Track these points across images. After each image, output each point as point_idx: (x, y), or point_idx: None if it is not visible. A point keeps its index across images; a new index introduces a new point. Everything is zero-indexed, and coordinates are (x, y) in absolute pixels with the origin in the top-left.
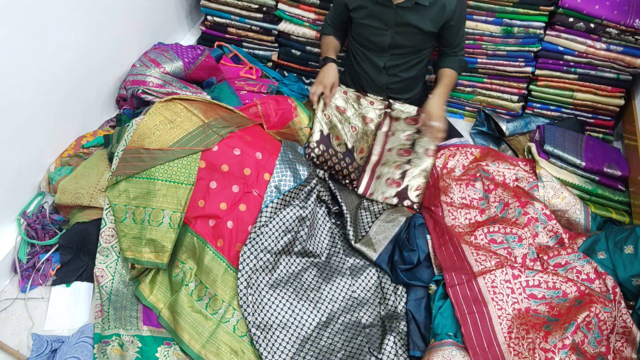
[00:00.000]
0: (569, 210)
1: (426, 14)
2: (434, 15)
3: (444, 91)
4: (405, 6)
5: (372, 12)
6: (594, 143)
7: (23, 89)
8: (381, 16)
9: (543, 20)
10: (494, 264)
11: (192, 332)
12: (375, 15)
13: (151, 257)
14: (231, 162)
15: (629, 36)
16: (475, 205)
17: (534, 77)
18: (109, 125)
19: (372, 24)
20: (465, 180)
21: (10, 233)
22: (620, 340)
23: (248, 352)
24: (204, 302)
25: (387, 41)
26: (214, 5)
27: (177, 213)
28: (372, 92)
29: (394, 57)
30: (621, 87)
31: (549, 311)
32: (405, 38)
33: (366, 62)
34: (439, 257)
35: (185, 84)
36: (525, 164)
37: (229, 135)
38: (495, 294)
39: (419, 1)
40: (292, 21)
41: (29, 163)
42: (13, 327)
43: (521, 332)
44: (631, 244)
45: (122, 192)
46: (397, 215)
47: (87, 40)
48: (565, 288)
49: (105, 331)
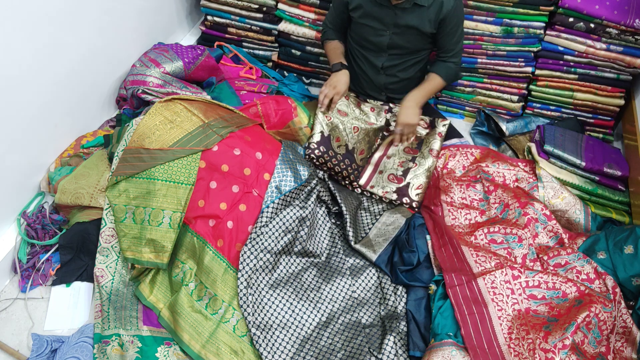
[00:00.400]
0: (568, 211)
1: (425, 14)
2: (432, 15)
3: (419, 95)
4: (404, 7)
5: (371, 12)
6: (594, 143)
7: (23, 89)
8: (380, 16)
9: (543, 20)
10: (494, 265)
11: (192, 332)
12: (374, 16)
13: (151, 257)
14: (231, 162)
15: (629, 36)
16: (476, 206)
17: (534, 77)
18: (109, 125)
19: (371, 24)
20: (465, 181)
21: (10, 233)
22: (620, 340)
23: (248, 352)
24: (204, 302)
25: (385, 41)
26: (214, 5)
27: (177, 213)
28: (371, 92)
29: (392, 57)
30: (621, 87)
31: (549, 311)
32: (403, 39)
33: (364, 62)
34: (439, 258)
35: (185, 84)
36: (525, 165)
37: (229, 135)
38: (495, 295)
39: (418, 2)
40: (292, 21)
41: (29, 163)
42: (13, 327)
43: (521, 333)
44: (631, 244)
45: (122, 192)
46: (397, 217)
47: (87, 40)
48: (565, 288)
49: (105, 331)
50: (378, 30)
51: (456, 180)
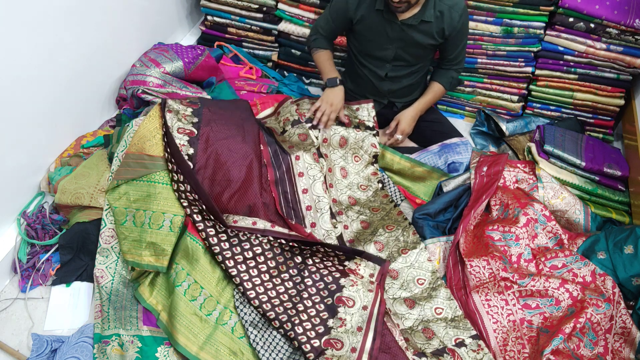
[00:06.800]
0: (568, 211)
1: (431, 29)
2: (438, 28)
3: (421, 107)
4: (411, 24)
5: (376, 27)
6: (594, 143)
7: (23, 89)
8: (386, 31)
9: (543, 20)
10: (487, 275)
11: (187, 334)
12: (380, 30)
13: (151, 260)
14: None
15: (629, 36)
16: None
17: (534, 77)
18: (109, 125)
19: (375, 38)
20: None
21: (10, 233)
22: (619, 340)
23: (247, 352)
24: (198, 302)
25: (390, 55)
26: (214, 5)
27: (177, 216)
28: (373, 96)
29: (396, 68)
30: (621, 87)
31: (543, 322)
32: (408, 52)
33: (368, 70)
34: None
35: (185, 84)
36: (525, 166)
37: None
38: (490, 307)
39: (424, 18)
40: (292, 21)
41: (29, 163)
42: (13, 327)
43: (517, 346)
44: (631, 244)
45: (122, 194)
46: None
47: (87, 40)
48: (558, 295)
49: (105, 331)
50: (383, 45)
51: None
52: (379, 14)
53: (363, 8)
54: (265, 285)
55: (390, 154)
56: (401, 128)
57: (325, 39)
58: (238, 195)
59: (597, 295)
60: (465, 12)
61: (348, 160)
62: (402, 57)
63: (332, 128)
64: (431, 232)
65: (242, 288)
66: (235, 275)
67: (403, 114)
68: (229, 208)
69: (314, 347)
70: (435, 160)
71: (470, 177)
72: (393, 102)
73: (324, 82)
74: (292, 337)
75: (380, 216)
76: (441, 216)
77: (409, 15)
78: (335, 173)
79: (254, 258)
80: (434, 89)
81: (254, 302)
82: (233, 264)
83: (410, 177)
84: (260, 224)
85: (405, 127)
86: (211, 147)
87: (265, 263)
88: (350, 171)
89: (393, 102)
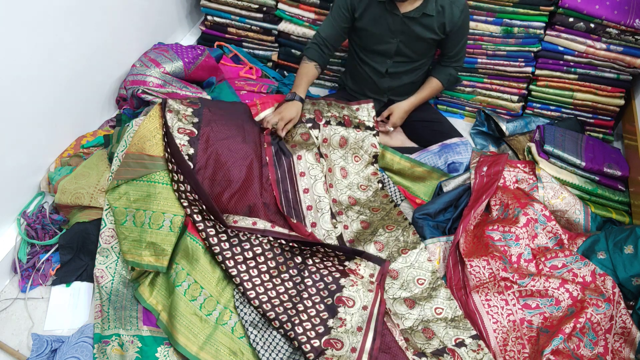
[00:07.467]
0: (568, 211)
1: (432, 23)
2: (439, 23)
3: (416, 101)
4: (412, 16)
5: (378, 19)
6: (594, 143)
7: (23, 89)
8: (387, 24)
9: (543, 20)
10: (487, 275)
11: (187, 334)
12: (382, 23)
13: (151, 260)
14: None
15: (629, 36)
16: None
17: (534, 77)
18: (109, 125)
19: (377, 32)
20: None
21: (10, 233)
22: (619, 340)
23: (247, 352)
24: (198, 302)
25: (392, 49)
26: (214, 5)
27: (177, 216)
28: (372, 94)
29: (397, 64)
30: (621, 87)
31: (543, 322)
32: (410, 46)
33: (368, 66)
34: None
35: (185, 84)
36: (525, 166)
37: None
38: (490, 307)
39: (426, 11)
40: (292, 21)
41: (29, 163)
42: (13, 327)
43: (517, 346)
44: (631, 244)
45: (122, 194)
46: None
47: (87, 40)
48: (558, 295)
49: (105, 331)
50: (385, 38)
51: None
52: (382, 6)
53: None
54: (265, 286)
55: (390, 154)
56: (392, 121)
57: (320, 49)
58: (238, 195)
59: (597, 295)
60: (466, 8)
61: (348, 160)
62: (403, 52)
63: (332, 128)
64: (431, 232)
65: (242, 288)
66: (235, 275)
67: (397, 106)
68: (229, 208)
69: (314, 347)
70: (435, 160)
71: (470, 177)
72: (393, 100)
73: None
74: (292, 337)
75: (380, 216)
76: (441, 216)
77: (410, 7)
78: (335, 173)
79: (254, 258)
80: (431, 84)
81: (254, 302)
82: (233, 264)
83: (410, 177)
84: (260, 224)
85: (397, 121)
86: (211, 147)
87: (265, 263)
88: (350, 171)
89: (393, 100)
